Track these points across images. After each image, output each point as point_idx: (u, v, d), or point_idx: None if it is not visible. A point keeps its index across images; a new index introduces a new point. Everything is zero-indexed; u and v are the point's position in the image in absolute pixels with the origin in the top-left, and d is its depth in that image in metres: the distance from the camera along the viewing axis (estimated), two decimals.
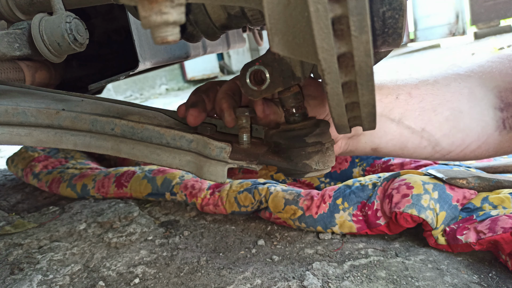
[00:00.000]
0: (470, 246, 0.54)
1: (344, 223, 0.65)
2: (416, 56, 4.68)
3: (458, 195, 0.60)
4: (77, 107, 0.52)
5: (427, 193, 0.59)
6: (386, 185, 0.65)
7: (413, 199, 0.58)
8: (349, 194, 0.67)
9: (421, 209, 0.57)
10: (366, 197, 0.66)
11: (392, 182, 0.65)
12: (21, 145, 0.51)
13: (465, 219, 0.58)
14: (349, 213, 0.65)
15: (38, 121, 0.49)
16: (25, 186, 1.24)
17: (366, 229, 0.64)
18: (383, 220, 0.62)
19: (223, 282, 0.57)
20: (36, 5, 0.49)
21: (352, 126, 0.36)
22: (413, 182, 0.61)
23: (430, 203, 0.58)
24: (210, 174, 0.45)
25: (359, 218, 0.64)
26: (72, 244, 0.76)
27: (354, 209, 0.65)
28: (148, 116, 0.54)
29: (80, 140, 0.51)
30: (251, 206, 0.75)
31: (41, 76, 0.74)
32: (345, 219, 0.65)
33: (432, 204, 0.58)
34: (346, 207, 0.66)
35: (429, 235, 0.59)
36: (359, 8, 0.23)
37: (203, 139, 0.46)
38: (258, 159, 0.48)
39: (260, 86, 0.45)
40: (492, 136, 0.50)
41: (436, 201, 0.58)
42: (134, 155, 0.50)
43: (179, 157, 0.48)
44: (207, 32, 0.42)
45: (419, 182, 0.61)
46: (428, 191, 0.59)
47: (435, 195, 0.59)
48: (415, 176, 0.64)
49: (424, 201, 0.58)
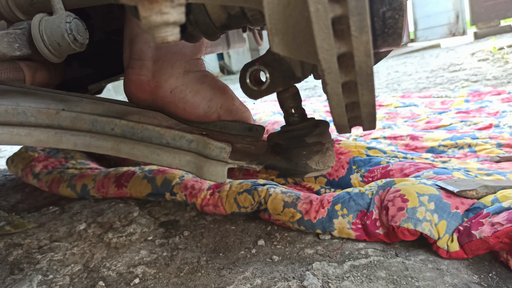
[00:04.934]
0: (485, 241, 0.52)
1: (343, 229, 0.65)
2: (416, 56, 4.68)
3: (456, 202, 0.59)
4: (77, 107, 0.52)
5: (422, 205, 0.58)
6: (382, 194, 0.65)
7: (408, 212, 0.58)
8: (348, 200, 0.67)
9: (417, 222, 0.57)
10: (366, 205, 0.65)
11: (387, 193, 0.64)
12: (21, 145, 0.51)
13: (477, 214, 0.57)
14: (349, 221, 0.64)
15: (38, 121, 0.49)
16: (25, 186, 1.24)
17: (364, 236, 0.64)
18: (382, 230, 0.62)
19: (223, 282, 0.57)
20: (36, 5, 0.49)
21: (352, 126, 0.36)
22: (408, 194, 0.60)
23: (426, 214, 0.57)
24: (210, 174, 0.45)
25: (358, 226, 0.64)
26: (72, 244, 0.76)
27: (353, 218, 0.64)
28: (148, 116, 0.54)
29: (80, 140, 0.51)
30: (250, 207, 0.75)
31: (41, 76, 0.74)
32: (344, 226, 0.64)
33: (428, 215, 0.57)
34: (345, 214, 0.65)
35: (437, 248, 0.57)
36: (359, 8, 0.23)
37: (203, 139, 0.46)
38: (258, 159, 0.48)
39: (260, 86, 0.45)
40: None
41: (433, 211, 0.57)
42: (134, 155, 0.50)
43: (179, 157, 0.48)
44: (207, 32, 0.42)
45: (413, 194, 0.60)
46: (424, 203, 0.58)
47: (431, 206, 0.58)
48: (409, 187, 0.62)
49: (419, 214, 0.57)
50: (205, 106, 0.60)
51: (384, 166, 0.81)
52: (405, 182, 0.66)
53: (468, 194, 0.61)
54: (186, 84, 0.59)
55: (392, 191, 0.63)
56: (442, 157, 0.93)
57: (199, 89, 0.59)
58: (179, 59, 0.58)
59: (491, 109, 1.38)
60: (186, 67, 0.59)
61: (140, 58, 0.59)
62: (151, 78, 0.59)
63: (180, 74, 0.59)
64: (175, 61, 0.58)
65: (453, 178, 0.69)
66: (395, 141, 1.14)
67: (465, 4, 7.27)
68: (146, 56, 0.58)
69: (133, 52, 0.59)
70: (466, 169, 0.78)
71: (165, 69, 0.58)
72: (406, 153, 0.92)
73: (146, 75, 0.59)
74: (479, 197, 0.61)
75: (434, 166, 0.78)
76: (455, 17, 7.57)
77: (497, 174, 0.72)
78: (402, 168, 0.78)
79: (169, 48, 0.57)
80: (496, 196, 0.59)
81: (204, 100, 0.59)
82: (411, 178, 0.73)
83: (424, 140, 1.08)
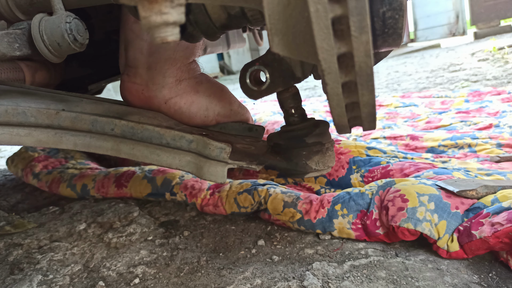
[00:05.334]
0: (485, 241, 0.52)
1: (343, 229, 0.65)
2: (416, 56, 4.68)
3: (456, 202, 0.59)
4: (77, 107, 0.52)
5: (422, 205, 0.58)
6: (382, 194, 0.65)
7: (408, 212, 0.58)
8: (348, 200, 0.66)
9: (417, 222, 0.57)
10: (366, 205, 0.65)
11: (387, 193, 0.64)
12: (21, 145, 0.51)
13: (477, 214, 0.57)
14: (349, 221, 0.64)
15: (38, 121, 0.49)
16: (25, 186, 1.24)
17: (364, 236, 0.64)
18: (382, 230, 0.62)
19: (223, 282, 0.57)
20: (36, 5, 0.49)
21: (352, 126, 0.36)
22: (408, 194, 0.60)
23: (426, 214, 0.57)
24: (210, 175, 0.45)
25: (358, 226, 0.64)
26: (72, 244, 0.76)
27: (354, 218, 0.64)
28: (148, 116, 0.54)
29: (80, 140, 0.51)
30: (250, 207, 0.75)
31: (41, 76, 0.74)
32: (344, 226, 0.64)
33: (428, 215, 0.57)
34: (345, 214, 0.65)
35: (437, 248, 0.57)
36: (359, 8, 0.23)
37: (203, 140, 0.46)
38: (258, 159, 0.48)
39: (260, 86, 0.45)
40: None
41: (433, 211, 0.57)
42: (134, 156, 0.49)
43: (179, 157, 0.48)
44: (207, 32, 0.42)
45: (413, 194, 0.60)
46: (424, 203, 0.58)
47: (431, 206, 0.58)
48: (409, 187, 0.62)
49: (419, 214, 0.57)
50: (201, 115, 0.59)
51: (384, 166, 0.81)
52: (405, 182, 0.66)
53: (468, 194, 0.61)
54: (180, 95, 0.58)
55: (392, 191, 0.63)
56: (442, 157, 0.93)
57: (194, 99, 0.58)
58: (171, 66, 0.57)
59: (491, 109, 1.38)
60: (178, 75, 0.57)
61: (134, 66, 0.58)
62: (145, 87, 0.58)
63: (173, 83, 0.57)
64: (167, 69, 0.56)
65: (453, 178, 0.69)
66: (395, 141, 1.14)
67: (465, 4, 7.27)
68: (139, 63, 0.57)
69: (128, 59, 0.58)
70: (466, 169, 0.78)
71: (157, 79, 0.57)
72: (406, 153, 0.92)
73: (140, 83, 0.58)
74: (479, 197, 0.61)
75: (434, 166, 0.78)
76: (455, 17, 7.57)
77: (497, 174, 0.72)
78: (402, 168, 0.78)
79: (160, 54, 0.56)
80: (496, 196, 0.59)
81: (200, 110, 0.58)
82: (411, 178, 0.73)
83: (424, 140, 1.08)
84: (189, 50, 0.58)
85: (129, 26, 0.56)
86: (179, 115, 0.58)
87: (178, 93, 0.58)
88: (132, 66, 0.58)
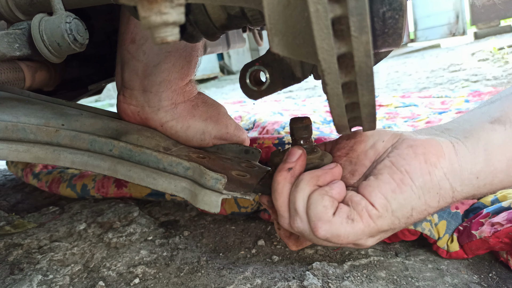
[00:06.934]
0: (485, 241, 0.52)
1: None
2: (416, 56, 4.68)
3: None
4: (77, 122, 0.53)
5: None
6: None
7: None
8: None
9: (417, 222, 0.57)
10: None
11: None
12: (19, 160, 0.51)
13: (477, 214, 0.57)
14: None
15: (37, 138, 0.50)
16: (25, 186, 1.24)
17: None
18: None
19: (223, 282, 0.57)
20: (36, 5, 0.49)
21: (352, 127, 0.36)
22: None
23: None
24: (204, 203, 0.45)
25: None
26: (72, 244, 0.76)
27: None
28: (146, 135, 0.55)
29: (77, 159, 0.51)
30: (250, 207, 0.75)
31: (41, 76, 0.74)
32: None
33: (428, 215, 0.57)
34: None
35: (437, 248, 0.57)
36: (359, 8, 0.23)
37: (199, 168, 0.46)
38: (253, 189, 0.48)
39: (260, 87, 0.45)
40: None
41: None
42: (130, 177, 0.50)
43: (174, 182, 0.48)
44: (207, 33, 0.42)
45: None
46: None
47: None
48: None
49: None
50: (198, 139, 0.59)
51: None
52: None
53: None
54: (176, 119, 0.58)
55: None
56: None
57: (190, 124, 0.58)
58: (166, 89, 0.57)
59: None
60: (173, 98, 0.57)
61: (130, 87, 0.58)
62: (141, 109, 0.58)
63: (169, 106, 0.57)
64: (162, 91, 0.56)
65: None
66: None
67: (465, 4, 7.27)
68: (135, 85, 0.57)
69: (124, 80, 0.58)
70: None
71: (153, 102, 0.57)
72: None
73: (135, 105, 0.58)
74: (479, 197, 0.61)
75: None
76: (455, 17, 7.57)
77: None
78: None
79: (155, 76, 0.56)
80: (496, 196, 0.59)
81: (197, 134, 0.59)
82: None
83: None
84: (184, 70, 0.57)
85: (126, 46, 0.56)
86: (176, 138, 0.59)
87: (174, 117, 0.58)
88: (128, 88, 0.58)
